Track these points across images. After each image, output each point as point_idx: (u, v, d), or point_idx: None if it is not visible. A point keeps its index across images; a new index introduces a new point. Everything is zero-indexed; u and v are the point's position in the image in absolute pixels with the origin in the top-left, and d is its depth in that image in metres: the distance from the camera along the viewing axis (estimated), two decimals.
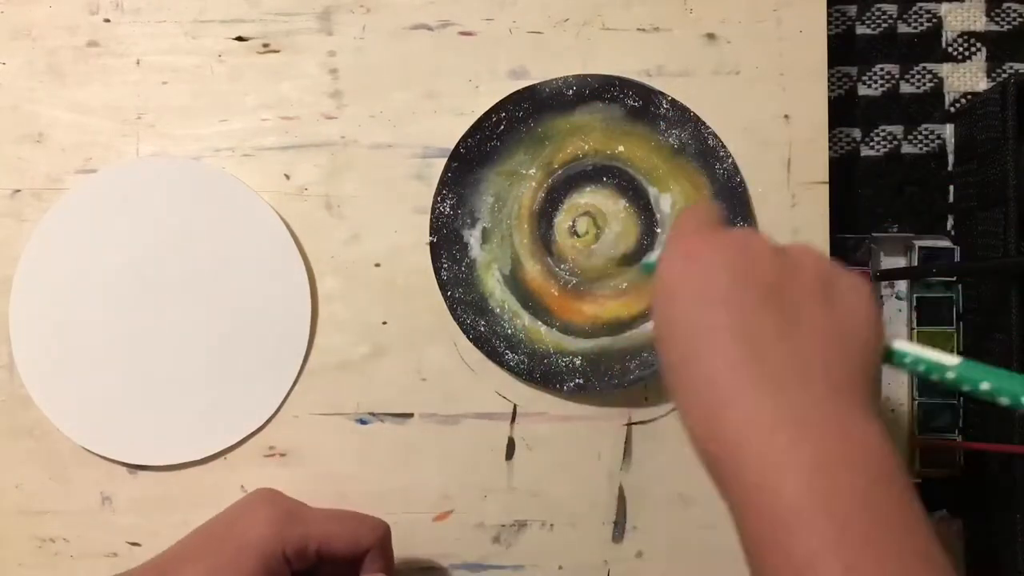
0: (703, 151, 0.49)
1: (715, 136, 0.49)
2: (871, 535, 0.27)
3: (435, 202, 0.49)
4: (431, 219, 0.49)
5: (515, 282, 0.50)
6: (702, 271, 0.32)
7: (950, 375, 0.34)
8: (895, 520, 0.28)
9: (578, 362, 0.49)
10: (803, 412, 0.29)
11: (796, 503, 0.28)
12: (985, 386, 0.33)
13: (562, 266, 0.50)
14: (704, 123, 0.49)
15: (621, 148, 0.50)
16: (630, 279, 0.50)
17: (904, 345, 0.34)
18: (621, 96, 0.49)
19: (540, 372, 0.49)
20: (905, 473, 0.29)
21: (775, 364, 0.30)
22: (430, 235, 0.49)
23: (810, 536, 0.27)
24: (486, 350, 0.49)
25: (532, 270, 0.50)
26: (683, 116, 0.49)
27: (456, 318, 0.49)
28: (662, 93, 0.49)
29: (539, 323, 0.50)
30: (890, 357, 0.35)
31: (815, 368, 0.31)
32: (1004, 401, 0.33)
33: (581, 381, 0.49)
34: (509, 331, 0.49)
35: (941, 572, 0.28)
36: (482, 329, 0.49)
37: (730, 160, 0.49)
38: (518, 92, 0.49)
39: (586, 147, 0.50)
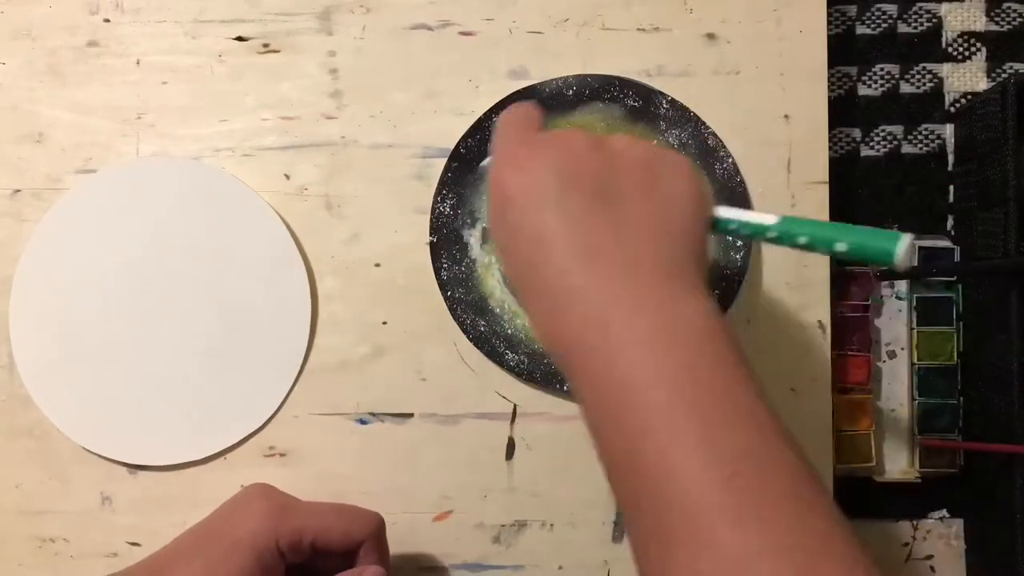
0: (703, 151, 0.49)
1: (715, 136, 0.49)
2: (698, 402, 0.29)
3: (435, 202, 0.49)
4: (431, 219, 0.49)
5: None
6: (531, 179, 0.34)
7: (771, 233, 0.36)
8: (720, 388, 0.30)
9: None
10: (635, 299, 0.32)
11: (630, 377, 0.30)
12: (802, 240, 0.35)
13: None
14: (704, 123, 0.49)
15: None
16: None
17: (726, 212, 0.36)
18: (621, 96, 0.49)
19: (540, 372, 0.49)
20: (732, 345, 0.31)
21: (607, 259, 0.32)
22: (430, 235, 0.49)
23: (642, 407, 0.29)
24: (486, 350, 0.49)
25: None
26: (683, 116, 0.49)
27: (456, 318, 0.49)
28: (662, 93, 0.49)
29: None
30: (716, 226, 0.37)
31: (645, 256, 0.33)
32: (822, 250, 0.35)
33: None
34: (509, 331, 0.49)
35: (766, 430, 0.29)
36: (482, 329, 0.49)
37: (730, 160, 0.49)
38: (518, 92, 0.49)
39: None
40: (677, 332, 0.31)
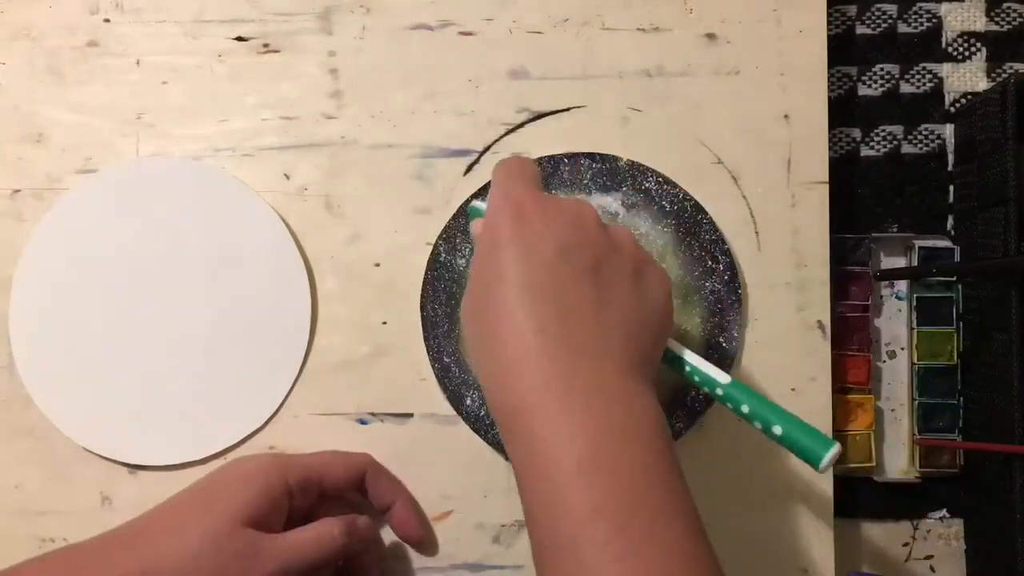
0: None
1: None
2: (647, 496, 0.31)
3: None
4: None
5: None
6: (532, 234, 0.35)
7: (718, 391, 0.37)
8: (667, 484, 0.32)
9: None
10: (597, 383, 0.32)
11: (585, 463, 0.31)
12: (745, 409, 0.37)
13: None
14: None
15: None
16: None
17: (687, 354, 0.38)
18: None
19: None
20: (672, 446, 0.33)
21: (581, 335, 0.33)
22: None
23: (594, 493, 0.30)
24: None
25: None
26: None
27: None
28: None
29: None
30: (671, 360, 0.38)
31: (615, 345, 0.34)
32: (757, 425, 0.37)
33: None
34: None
35: (697, 533, 0.31)
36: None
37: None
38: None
39: None
40: (635, 426, 0.32)
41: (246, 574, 0.41)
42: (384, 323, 0.50)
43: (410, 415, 0.50)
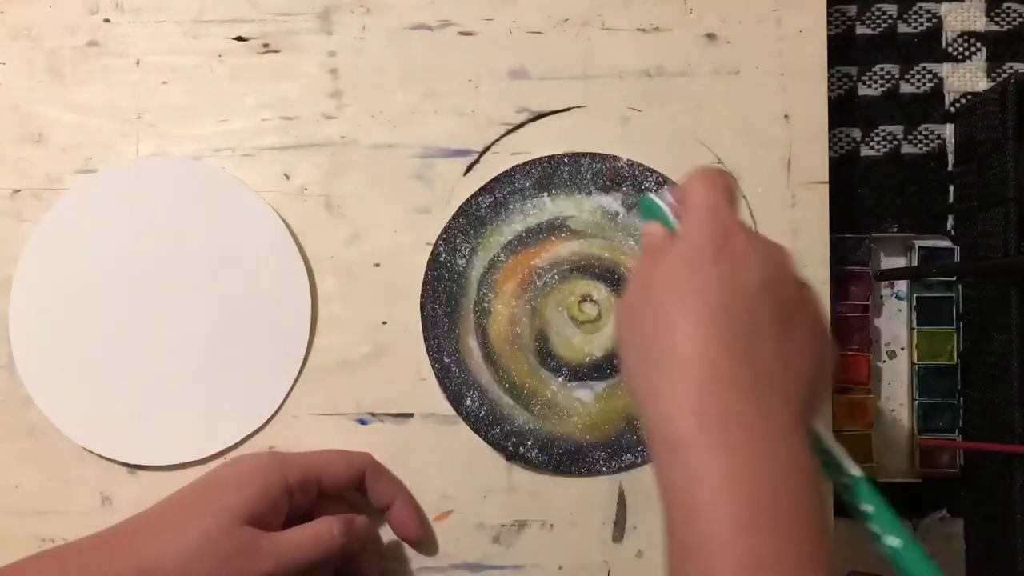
0: None
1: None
2: (803, 550, 0.29)
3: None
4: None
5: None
6: (738, 260, 0.33)
7: (844, 480, 0.35)
8: (825, 550, 0.30)
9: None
10: (779, 429, 0.31)
11: (743, 515, 0.29)
12: (867, 507, 0.34)
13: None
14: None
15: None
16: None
17: (824, 433, 0.35)
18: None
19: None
20: (823, 502, 0.32)
21: (767, 377, 0.32)
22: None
23: (756, 542, 0.29)
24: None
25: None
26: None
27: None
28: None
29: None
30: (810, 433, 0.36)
31: (794, 394, 0.32)
32: (874, 528, 0.34)
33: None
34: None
35: None
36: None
37: None
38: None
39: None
40: (799, 479, 0.31)
41: (244, 572, 0.41)
42: (384, 323, 0.50)
43: (410, 415, 0.50)
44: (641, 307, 0.34)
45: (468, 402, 0.49)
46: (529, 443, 0.49)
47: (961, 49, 0.55)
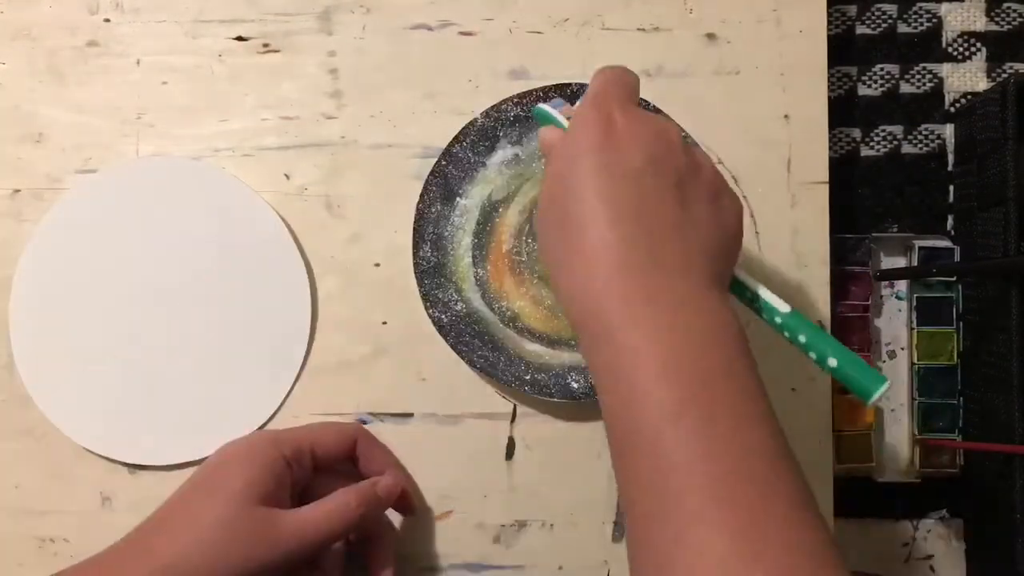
0: None
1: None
2: (730, 398, 0.31)
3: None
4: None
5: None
6: (620, 145, 0.35)
7: (778, 319, 0.37)
8: (750, 390, 0.32)
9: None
10: (680, 295, 0.33)
11: (669, 364, 0.31)
12: (802, 339, 0.37)
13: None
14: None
15: None
16: None
17: (747, 278, 0.38)
18: None
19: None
20: (752, 356, 0.33)
21: (664, 249, 0.33)
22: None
23: (678, 389, 0.31)
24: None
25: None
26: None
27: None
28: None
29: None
30: (735, 285, 0.38)
31: (696, 262, 0.34)
32: (812, 356, 0.37)
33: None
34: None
35: (778, 434, 0.32)
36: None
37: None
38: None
39: None
40: (719, 332, 0.32)
41: (266, 553, 0.40)
42: (384, 323, 0.50)
43: (410, 415, 0.50)
44: (547, 209, 0.36)
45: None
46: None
47: (961, 49, 0.55)
